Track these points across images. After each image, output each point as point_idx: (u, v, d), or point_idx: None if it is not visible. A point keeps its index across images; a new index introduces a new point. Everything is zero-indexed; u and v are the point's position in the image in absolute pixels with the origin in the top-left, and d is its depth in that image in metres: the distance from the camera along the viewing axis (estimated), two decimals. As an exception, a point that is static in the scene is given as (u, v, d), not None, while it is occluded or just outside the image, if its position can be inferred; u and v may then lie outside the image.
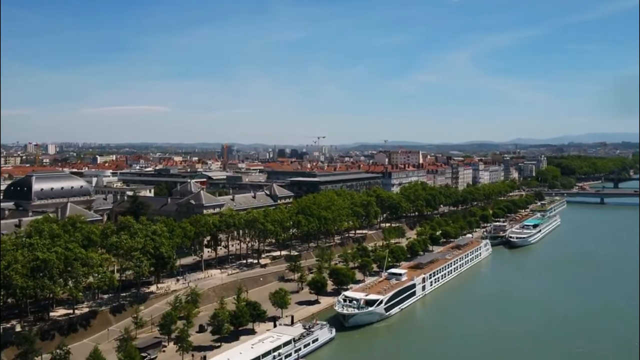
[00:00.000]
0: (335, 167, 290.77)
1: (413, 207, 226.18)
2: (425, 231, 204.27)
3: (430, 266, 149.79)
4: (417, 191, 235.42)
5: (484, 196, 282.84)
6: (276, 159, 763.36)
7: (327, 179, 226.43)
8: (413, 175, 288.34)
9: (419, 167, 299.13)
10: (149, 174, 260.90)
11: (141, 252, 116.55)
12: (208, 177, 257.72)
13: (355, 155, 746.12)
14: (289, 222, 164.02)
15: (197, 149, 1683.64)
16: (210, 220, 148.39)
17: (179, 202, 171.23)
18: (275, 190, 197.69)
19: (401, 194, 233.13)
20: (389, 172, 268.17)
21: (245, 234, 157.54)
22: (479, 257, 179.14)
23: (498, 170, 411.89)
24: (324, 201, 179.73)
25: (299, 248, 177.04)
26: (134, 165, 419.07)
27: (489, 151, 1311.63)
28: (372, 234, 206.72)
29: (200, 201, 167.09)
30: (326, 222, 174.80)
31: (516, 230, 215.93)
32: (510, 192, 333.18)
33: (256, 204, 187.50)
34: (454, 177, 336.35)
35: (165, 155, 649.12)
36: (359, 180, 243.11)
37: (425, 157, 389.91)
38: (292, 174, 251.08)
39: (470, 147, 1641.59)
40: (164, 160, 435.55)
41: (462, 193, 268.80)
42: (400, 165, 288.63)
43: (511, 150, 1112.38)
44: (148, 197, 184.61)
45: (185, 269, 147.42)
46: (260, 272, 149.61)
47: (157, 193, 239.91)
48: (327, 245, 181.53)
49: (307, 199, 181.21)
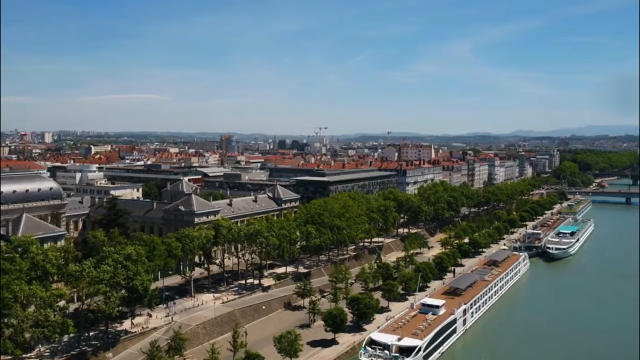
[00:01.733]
0: (343, 164, 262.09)
1: (433, 210, 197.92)
2: (450, 240, 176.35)
3: (469, 292, 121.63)
4: (438, 192, 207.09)
5: (507, 196, 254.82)
6: (276, 150, 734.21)
7: (337, 178, 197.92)
8: (429, 172, 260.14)
9: (434, 164, 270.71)
10: (138, 170, 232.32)
11: (109, 283, 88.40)
12: (203, 173, 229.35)
13: (357, 147, 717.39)
14: (297, 234, 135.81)
15: (196, 138, 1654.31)
16: (202, 235, 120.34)
17: (166, 209, 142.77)
18: (279, 192, 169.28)
19: (420, 195, 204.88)
20: (403, 170, 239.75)
21: (245, 248, 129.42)
22: (518, 274, 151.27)
23: (513, 165, 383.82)
24: (336, 207, 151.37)
25: (308, 263, 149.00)
26: (126, 157, 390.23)
27: (491, 143, 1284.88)
28: (389, 242, 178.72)
29: (191, 207, 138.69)
30: (340, 233, 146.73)
31: (553, 239, 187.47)
32: (532, 191, 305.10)
33: (257, 209, 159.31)
34: (470, 174, 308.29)
35: (161, 147, 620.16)
36: (371, 180, 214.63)
37: (437, 151, 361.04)
38: (296, 171, 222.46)
39: (472, 138, 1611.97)
40: (159, 152, 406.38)
41: (484, 194, 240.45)
42: (415, 162, 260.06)
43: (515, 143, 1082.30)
44: (130, 202, 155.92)
45: (171, 293, 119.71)
46: (263, 297, 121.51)
47: (146, 192, 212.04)
48: (340, 259, 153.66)
49: (317, 204, 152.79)
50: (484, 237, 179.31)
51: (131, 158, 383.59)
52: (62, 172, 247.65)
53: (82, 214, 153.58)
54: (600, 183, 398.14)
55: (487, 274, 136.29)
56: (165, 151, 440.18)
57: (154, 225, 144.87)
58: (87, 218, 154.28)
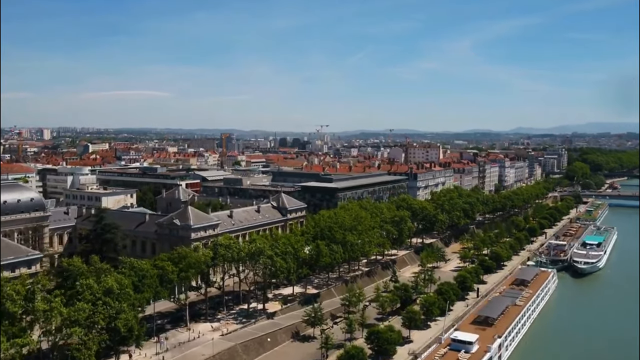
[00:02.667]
0: (349, 167, 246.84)
1: (449, 218, 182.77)
2: (469, 253, 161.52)
3: (502, 321, 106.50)
4: (453, 199, 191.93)
5: (523, 201, 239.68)
6: (277, 148, 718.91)
7: (345, 184, 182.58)
8: (440, 175, 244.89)
9: (445, 166, 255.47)
10: (133, 174, 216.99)
11: (85, 325, 73.35)
12: (202, 178, 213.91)
13: (360, 146, 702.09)
14: (306, 252, 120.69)
15: (196, 135, 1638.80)
16: (200, 254, 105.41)
17: (159, 222, 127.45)
18: (284, 201, 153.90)
19: (434, 202, 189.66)
20: (414, 174, 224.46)
21: (247, 269, 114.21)
22: (547, 294, 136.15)
23: (523, 166, 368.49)
24: (347, 219, 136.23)
25: (317, 281, 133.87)
26: (123, 156, 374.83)
27: (493, 141, 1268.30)
28: (403, 255, 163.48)
29: (187, 221, 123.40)
30: (353, 250, 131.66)
31: (579, 251, 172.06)
32: (547, 195, 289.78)
33: (260, 220, 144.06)
34: (481, 176, 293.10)
35: (160, 146, 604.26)
36: (381, 185, 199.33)
37: (445, 152, 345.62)
38: (301, 175, 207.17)
39: (473, 135, 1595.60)
40: (157, 151, 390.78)
41: (499, 199, 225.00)
42: (425, 165, 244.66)
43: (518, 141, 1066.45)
44: (120, 213, 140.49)
45: (163, 322, 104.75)
46: (268, 326, 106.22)
47: (141, 197, 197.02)
48: (351, 276, 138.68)
49: (326, 215, 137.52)
50: (505, 250, 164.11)
51: (128, 158, 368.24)
52: (53, 175, 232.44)
53: (67, 227, 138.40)
54: (612, 184, 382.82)
55: (517, 297, 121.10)
56: (163, 150, 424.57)
57: (146, 241, 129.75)
58: (73, 231, 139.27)
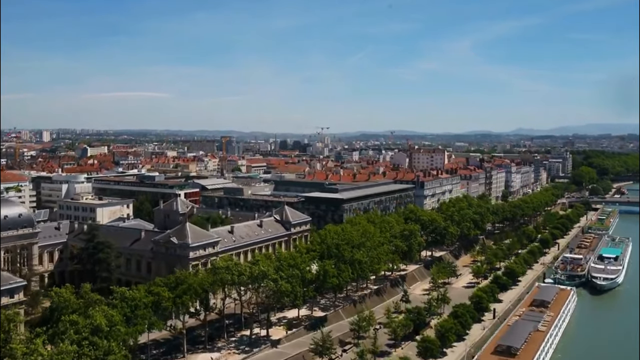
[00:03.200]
0: (354, 174, 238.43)
1: (459, 230, 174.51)
2: (482, 268, 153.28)
3: (526, 351, 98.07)
4: (463, 209, 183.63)
5: (533, 210, 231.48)
6: (278, 151, 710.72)
7: (350, 195, 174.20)
8: (447, 183, 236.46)
9: (452, 173, 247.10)
10: (129, 182, 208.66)
11: (69, 369, 65.03)
12: (202, 186, 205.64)
13: (361, 148, 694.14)
14: (312, 272, 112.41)
15: (195, 137, 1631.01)
16: (200, 278, 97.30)
17: (156, 240, 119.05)
18: (288, 214, 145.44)
19: (442, 213, 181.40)
20: (421, 182, 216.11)
21: (249, 292, 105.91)
22: (568, 315, 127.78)
23: (529, 171, 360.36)
24: (355, 235, 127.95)
25: (323, 302, 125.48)
26: (121, 161, 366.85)
27: (494, 143, 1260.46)
28: (413, 270, 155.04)
29: (185, 239, 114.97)
30: (362, 269, 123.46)
31: (597, 266, 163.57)
32: (556, 201, 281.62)
33: (263, 236, 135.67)
34: (488, 182, 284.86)
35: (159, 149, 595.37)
36: (388, 194, 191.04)
37: (450, 156, 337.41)
38: (304, 185, 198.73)
39: (473, 137, 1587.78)
40: (155, 156, 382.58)
41: (509, 208, 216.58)
42: (432, 171, 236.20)
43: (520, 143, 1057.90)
44: (114, 229, 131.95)
45: (158, 352, 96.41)
46: (272, 355, 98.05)
47: (138, 207, 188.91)
48: (359, 296, 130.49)
49: (333, 231, 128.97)
50: (519, 265, 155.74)
51: (126, 163, 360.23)
52: (48, 183, 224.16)
53: (58, 243, 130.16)
54: (619, 189, 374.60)
55: (539, 321, 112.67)
56: (162, 155, 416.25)
57: (142, 259, 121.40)
58: (64, 248, 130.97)
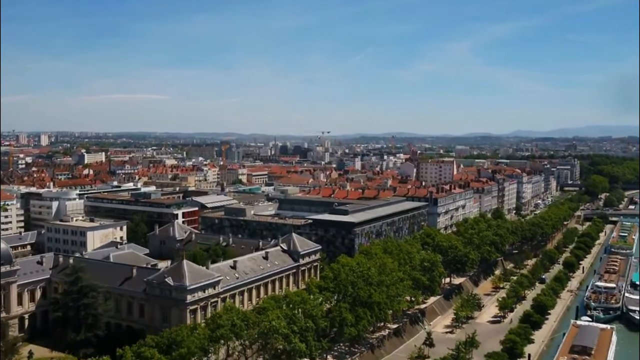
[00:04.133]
0: (362, 188, 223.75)
1: (479, 254, 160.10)
2: (508, 302, 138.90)
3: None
4: (482, 232, 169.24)
5: (552, 228, 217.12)
6: (278, 156, 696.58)
7: (362, 217, 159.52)
8: (460, 198, 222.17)
9: (465, 187, 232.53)
10: (124, 200, 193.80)
11: None
12: (201, 205, 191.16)
13: (362, 153, 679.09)
14: (326, 321, 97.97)
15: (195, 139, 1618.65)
16: (198, 335, 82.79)
17: (149, 280, 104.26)
18: (296, 243, 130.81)
19: (461, 234, 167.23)
20: (434, 199, 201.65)
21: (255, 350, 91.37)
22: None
23: (539, 180, 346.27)
24: (373, 270, 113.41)
25: (337, 348, 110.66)
26: (118, 170, 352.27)
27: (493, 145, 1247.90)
28: (432, 303, 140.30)
29: (182, 280, 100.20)
30: (380, 310, 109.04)
31: (632, 296, 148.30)
32: (573, 214, 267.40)
33: (269, 270, 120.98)
34: (500, 195, 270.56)
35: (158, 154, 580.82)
36: (401, 214, 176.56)
37: (459, 166, 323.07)
38: (311, 203, 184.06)
39: (473, 139, 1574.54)
40: (153, 164, 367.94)
41: (528, 227, 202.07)
42: (444, 186, 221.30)
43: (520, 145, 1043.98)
44: (101, 265, 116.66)
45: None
46: None
47: (132, 229, 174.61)
48: (377, 338, 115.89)
49: (346, 267, 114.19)
50: (549, 295, 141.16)
51: (122, 172, 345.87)
52: (37, 200, 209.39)
53: (40, 280, 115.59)
54: (632, 199, 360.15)
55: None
56: (160, 163, 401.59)
57: (133, 301, 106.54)
58: (48, 285, 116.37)
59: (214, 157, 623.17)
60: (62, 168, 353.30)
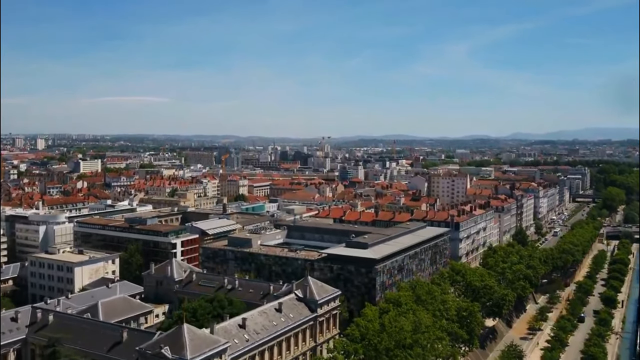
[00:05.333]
0: (375, 208, 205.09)
1: (514, 293, 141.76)
2: (555, 355, 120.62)
3: None
4: (514, 265, 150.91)
5: (583, 254, 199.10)
6: (278, 162, 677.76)
7: (383, 251, 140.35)
8: (481, 220, 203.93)
9: (486, 207, 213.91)
10: (117, 227, 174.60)
11: None
12: (201, 231, 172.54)
13: (363, 160, 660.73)
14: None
15: (193, 142, 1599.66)
16: None
17: (142, 350, 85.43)
18: (312, 289, 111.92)
19: (491, 268, 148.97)
20: (456, 223, 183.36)
21: None
22: None
23: (554, 194, 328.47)
24: (407, 332, 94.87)
25: None
26: (113, 183, 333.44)
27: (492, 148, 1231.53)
28: (467, 356, 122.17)
29: (182, 352, 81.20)
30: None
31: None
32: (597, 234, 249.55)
33: (283, 325, 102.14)
34: (519, 212, 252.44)
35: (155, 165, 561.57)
36: (423, 244, 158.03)
37: (471, 179, 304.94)
38: (324, 231, 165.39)
39: (472, 142, 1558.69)
40: (150, 176, 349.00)
41: (558, 254, 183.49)
42: (463, 207, 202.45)
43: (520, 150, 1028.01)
44: (87, 326, 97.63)
45: None
46: None
47: (126, 261, 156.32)
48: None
49: (375, 327, 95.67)
50: (598, 346, 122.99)
51: (118, 185, 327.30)
52: (23, 223, 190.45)
53: (15, 342, 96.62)
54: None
55: None
56: (157, 174, 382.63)
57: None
58: (24, 346, 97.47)
59: (212, 164, 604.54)
60: (55, 181, 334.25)
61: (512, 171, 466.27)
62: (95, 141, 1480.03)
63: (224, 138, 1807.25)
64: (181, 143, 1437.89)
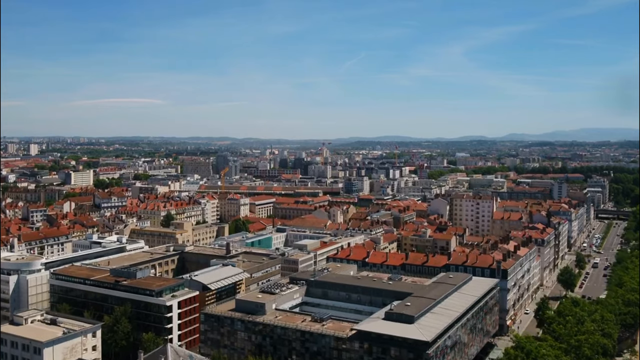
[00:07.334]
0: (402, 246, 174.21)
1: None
2: None
3: None
4: (589, 334, 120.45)
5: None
6: (278, 170, 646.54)
7: (433, 325, 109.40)
8: (526, 260, 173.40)
9: (528, 243, 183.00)
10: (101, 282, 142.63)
11: None
12: (202, 286, 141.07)
13: (365, 166, 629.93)
14: None
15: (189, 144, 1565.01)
16: None
17: None
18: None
19: (558, 338, 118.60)
20: (503, 270, 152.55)
21: None
22: None
23: (583, 213, 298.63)
24: None
25: None
26: (103, 204, 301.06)
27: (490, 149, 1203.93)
28: None
29: None
30: None
31: None
32: None
33: None
34: (556, 243, 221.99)
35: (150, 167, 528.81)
36: (474, 306, 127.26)
37: (495, 199, 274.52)
38: (349, 289, 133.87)
39: (468, 144, 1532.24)
40: (145, 196, 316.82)
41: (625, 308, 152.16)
42: (508, 249, 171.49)
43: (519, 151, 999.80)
44: None
45: None
46: None
47: (111, 329, 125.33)
48: None
49: None
50: None
51: (108, 206, 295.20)
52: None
53: None
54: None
55: None
56: (152, 192, 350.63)
57: None
58: None
59: (210, 173, 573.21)
60: (40, 203, 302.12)
61: (525, 182, 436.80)
62: (90, 144, 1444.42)
63: (220, 140, 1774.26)
64: (177, 146, 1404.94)
